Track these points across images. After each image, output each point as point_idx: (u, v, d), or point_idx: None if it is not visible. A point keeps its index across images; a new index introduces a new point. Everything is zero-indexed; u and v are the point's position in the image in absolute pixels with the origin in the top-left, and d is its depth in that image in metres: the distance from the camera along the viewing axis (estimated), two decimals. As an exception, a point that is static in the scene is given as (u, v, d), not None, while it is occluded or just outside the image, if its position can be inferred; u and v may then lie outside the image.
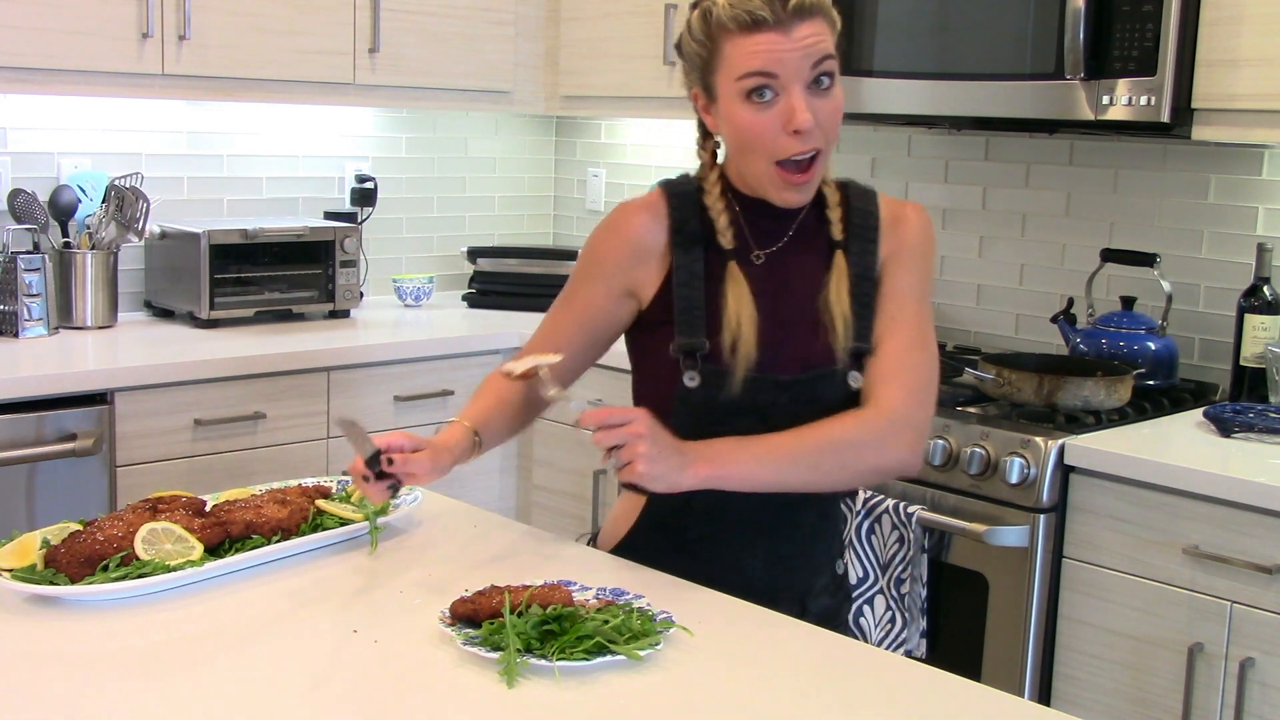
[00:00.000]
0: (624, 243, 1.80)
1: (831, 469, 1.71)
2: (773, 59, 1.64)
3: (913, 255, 1.79)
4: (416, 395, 3.31)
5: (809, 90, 1.66)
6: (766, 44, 1.64)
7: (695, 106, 1.77)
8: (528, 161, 4.30)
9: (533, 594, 1.48)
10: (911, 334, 1.76)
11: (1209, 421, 2.60)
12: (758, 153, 1.69)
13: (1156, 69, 2.56)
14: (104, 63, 3.01)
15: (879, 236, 1.78)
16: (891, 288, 1.77)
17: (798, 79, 1.65)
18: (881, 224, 1.79)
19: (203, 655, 1.46)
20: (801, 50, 1.64)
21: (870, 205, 1.81)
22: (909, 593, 2.60)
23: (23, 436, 2.71)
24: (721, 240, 1.76)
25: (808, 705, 1.38)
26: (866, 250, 1.77)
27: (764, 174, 1.71)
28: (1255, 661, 2.28)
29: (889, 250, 1.79)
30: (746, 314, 1.73)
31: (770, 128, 1.67)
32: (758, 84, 1.65)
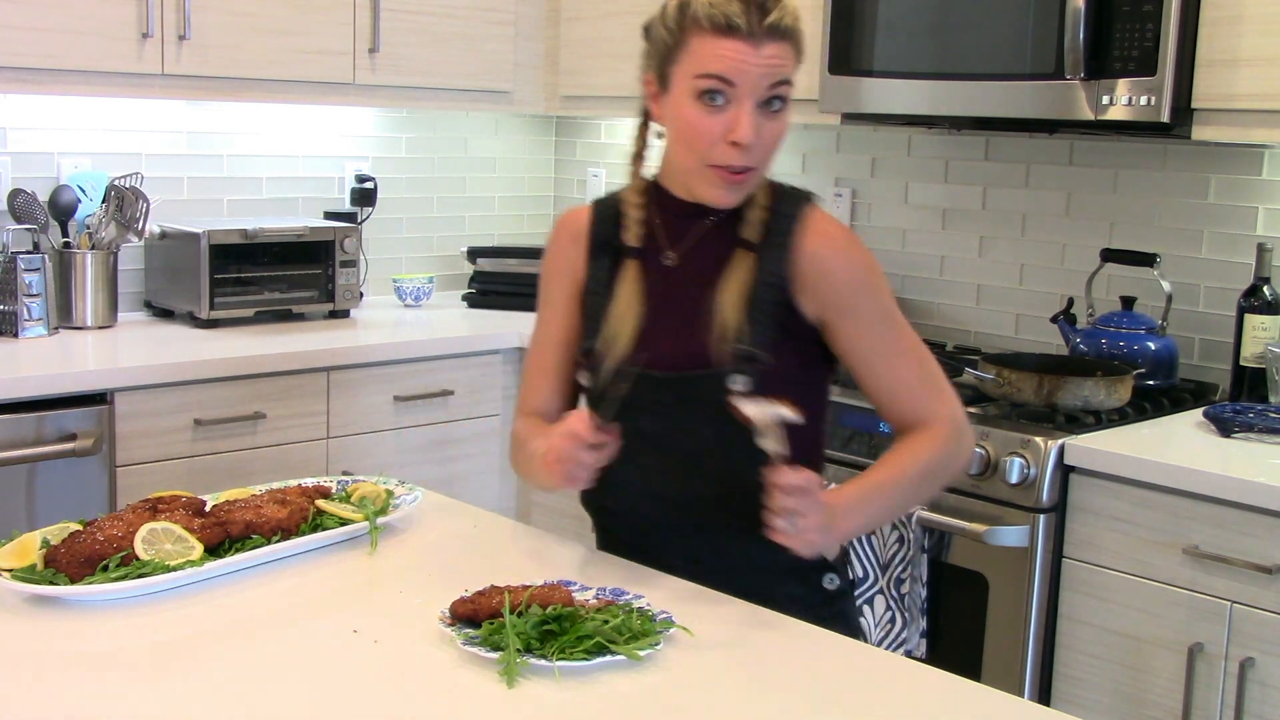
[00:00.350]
0: (557, 250, 1.89)
1: (926, 492, 1.82)
2: (735, 68, 1.66)
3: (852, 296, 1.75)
4: (416, 395, 3.31)
5: (759, 108, 1.69)
6: (733, 51, 1.66)
7: (644, 91, 1.80)
8: (528, 161, 4.30)
9: (533, 594, 1.48)
10: (913, 354, 1.79)
11: (1209, 421, 2.60)
12: (695, 152, 1.71)
13: (1156, 69, 2.56)
14: (104, 63, 3.01)
15: (792, 258, 1.74)
16: (857, 331, 1.76)
17: (752, 94, 1.68)
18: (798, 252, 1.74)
19: (203, 655, 1.46)
20: (765, 67, 1.67)
21: (794, 211, 1.77)
22: (909, 593, 2.60)
23: (23, 436, 2.71)
24: (627, 239, 1.81)
25: (807, 705, 1.38)
26: (779, 258, 1.74)
27: (696, 171, 1.73)
28: (1255, 661, 2.28)
29: (818, 299, 1.74)
30: (631, 312, 1.77)
31: (712, 131, 1.69)
32: (713, 86, 1.68)
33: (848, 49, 3.01)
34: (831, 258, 1.75)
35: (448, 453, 3.39)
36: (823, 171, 3.62)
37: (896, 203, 3.49)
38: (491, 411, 3.47)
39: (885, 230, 3.50)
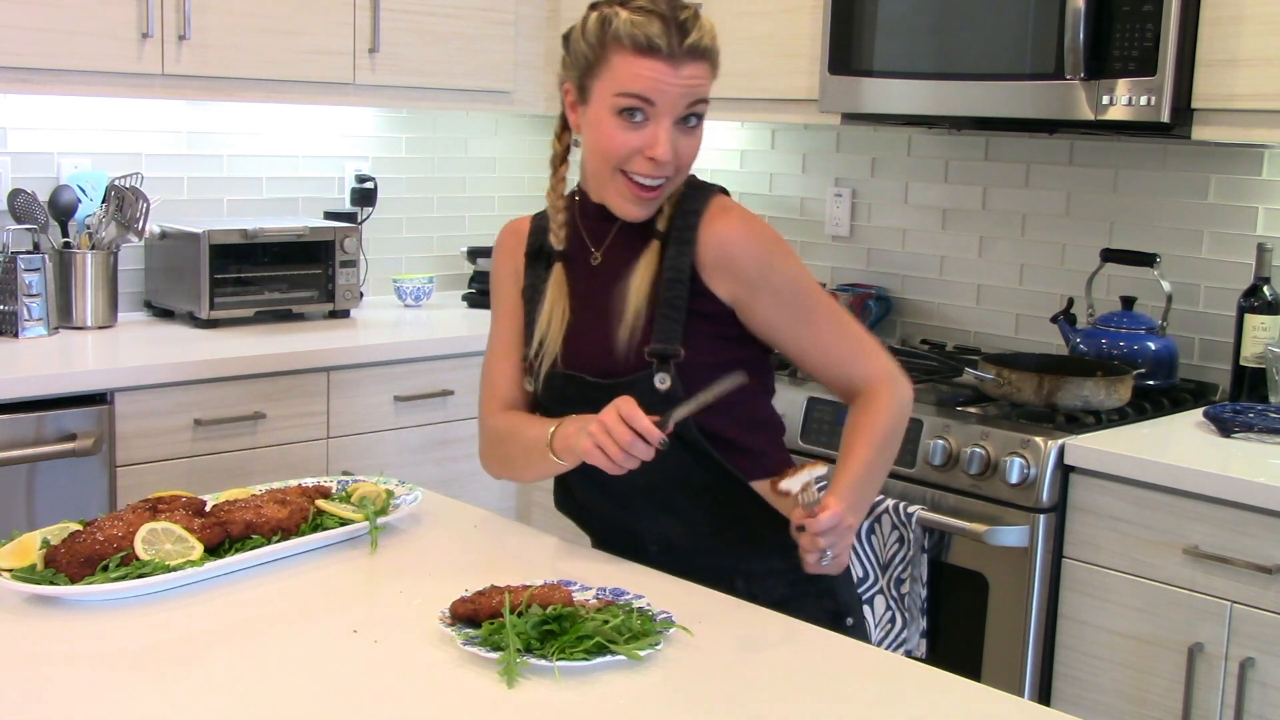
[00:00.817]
0: (498, 260, 1.95)
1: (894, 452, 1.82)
2: (655, 88, 1.70)
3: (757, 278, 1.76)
4: (416, 395, 3.31)
5: (677, 125, 1.72)
6: (653, 72, 1.69)
7: (563, 100, 1.83)
8: (528, 161, 4.30)
9: (533, 594, 1.49)
10: (828, 318, 1.81)
11: (1209, 421, 2.60)
12: (609, 163, 1.75)
13: (1156, 69, 2.57)
14: (104, 63, 3.01)
15: (695, 250, 1.75)
16: (767, 310, 1.77)
17: (670, 113, 1.71)
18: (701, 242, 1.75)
19: (203, 655, 1.46)
20: (683, 88, 1.70)
21: (697, 206, 1.79)
22: (909, 593, 2.60)
23: (23, 436, 2.71)
24: (553, 241, 1.85)
25: (807, 705, 1.38)
26: (682, 253, 1.76)
27: (611, 183, 1.77)
28: (1255, 661, 2.28)
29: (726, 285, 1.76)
30: (557, 313, 1.82)
31: (630, 147, 1.72)
32: (633, 105, 1.71)
33: (848, 49, 3.01)
34: (733, 238, 1.77)
35: (448, 453, 3.39)
36: (823, 171, 3.62)
37: (896, 203, 3.49)
38: (491, 411, 3.47)
39: (885, 230, 3.50)
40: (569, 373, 1.81)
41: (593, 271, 1.83)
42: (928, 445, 2.63)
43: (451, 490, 2.20)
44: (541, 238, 1.89)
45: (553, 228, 1.86)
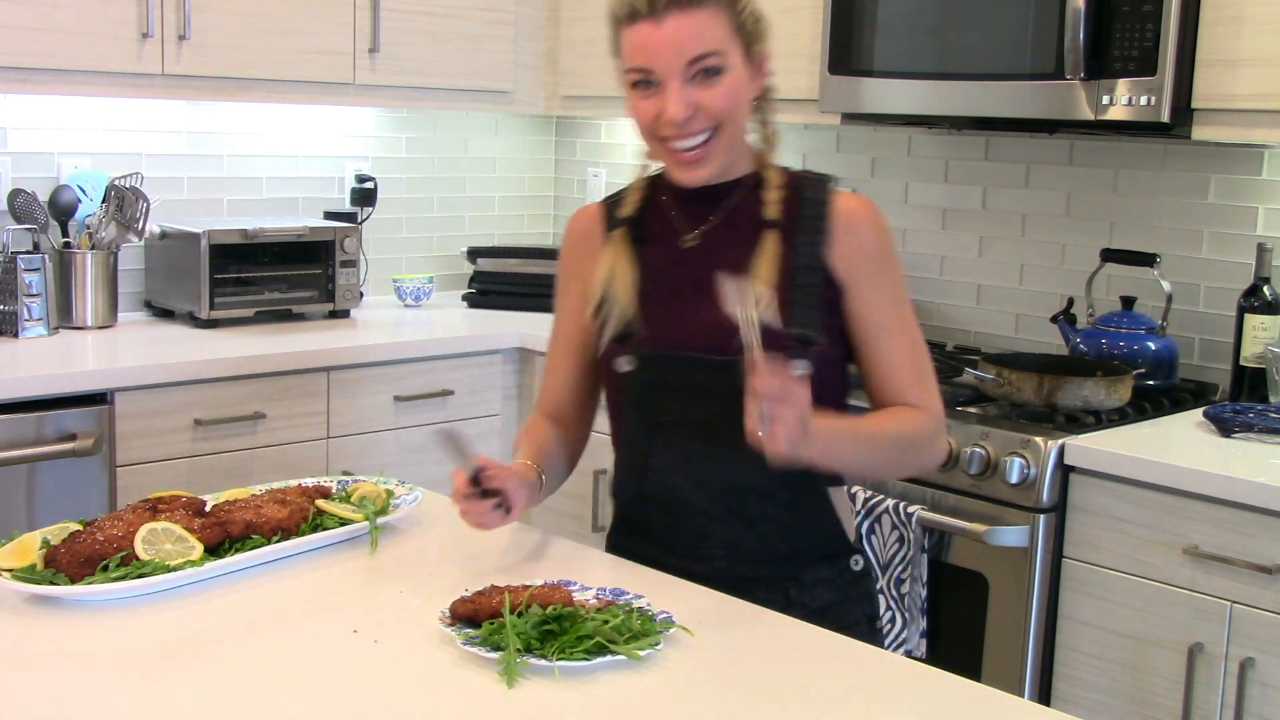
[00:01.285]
0: (569, 247, 1.92)
1: (894, 464, 1.81)
2: (645, 55, 1.69)
3: (876, 261, 1.77)
4: (416, 395, 3.31)
5: (690, 82, 1.69)
6: (640, 37, 1.69)
7: None
8: (528, 161, 4.30)
9: (533, 594, 1.48)
10: (912, 338, 1.80)
11: (1209, 421, 2.60)
12: (646, 138, 1.75)
13: (1156, 69, 2.57)
14: (104, 63, 3.01)
15: (828, 228, 1.76)
16: (872, 299, 1.77)
17: (672, 73, 1.69)
18: (833, 219, 1.76)
19: (203, 655, 1.46)
20: (672, 46, 1.68)
21: (821, 194, 1.79)
22: (909, 593, 2.60)
23: (23, 436, 2.71)
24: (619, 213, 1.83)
25: (808, 705, 1.38)
26: (815, 241, 1.75)
27: (659, 157, 1.77)
28: (1255, 661, 2.28)
29: (847, 257, 1.76)
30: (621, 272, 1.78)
31: (650, 116, 1.72)
32: (638, 78, 1.72)
33: (848, 49, 3.01)
34: (864, 214, 1.79)
35: (448, 453, 3.39)
36: (822, 171, 3.61)
37: (896, 203, 3.49)
38: (491, 411, 3.47)
39: (885, 230, 3.49)
40: (676, 353, 1.75)
41: (687, 254, 1.79)
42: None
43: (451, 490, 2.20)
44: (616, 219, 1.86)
45: (627, 199, 1.84)
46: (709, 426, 1.75)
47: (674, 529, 1.81)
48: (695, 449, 1.77)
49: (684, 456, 1.77)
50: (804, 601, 1.77)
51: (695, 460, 1.77)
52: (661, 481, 1.80)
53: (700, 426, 1.76)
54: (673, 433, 1.77)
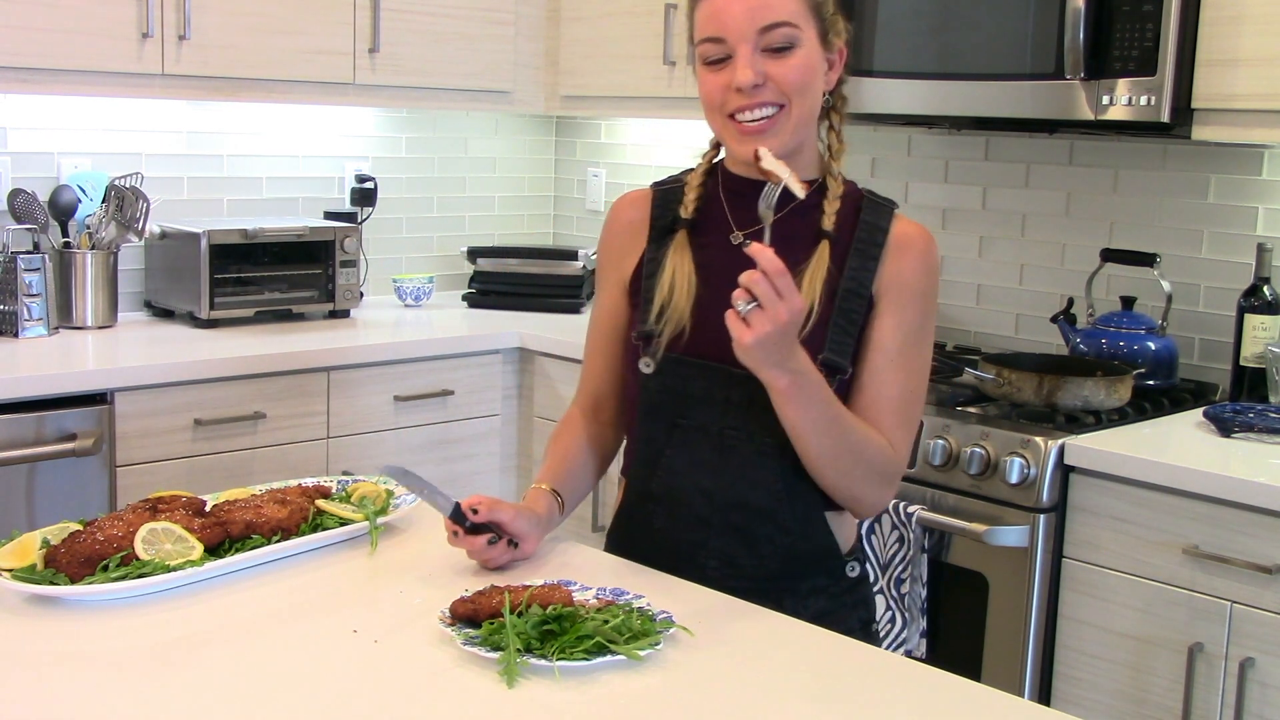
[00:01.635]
0: (612, 235, 1.88)
1: (843, 468, 1.69)
2: (717, 22, 1.68)
3: (908, 290, 1.73)
4: (416, 395, 3.31)
5: (761, 54, 1.67)
6: (714, 7, 1.68)
7: None
8: (528, 161, 4.30)
9: (533, 594, 1.48)
10: (912, 381, 1.74)
11: (1209, 421, 2.60)
12: (713, 111, 1.72)
13: (1156, 69, 2.56)
14: (104, 63, 3.01)
15: (880, 255, 1.73)
16: (888, 324, 1.72)
17: (743, 40, 1.67)
18: (887, 245, 1.74)
19: (203, 655, 1.46)
20: (746, 12, 1.66)
21: (882, 221, 1.76)
22: (909, 593, 2.60)
23: (23, 436, 2.71)
24: (682, 212, 1.79)
25: (808, 705, 1.38)
26: (866, 267, 1.72)
27: (725, 134, 1.73)
28: (1255, 661, 2.28)
29: (889, 279, 1.73)
30: (682, 279, 1.74)
31: (721, 87, 1.69)
32: (709, 49, 1.70)
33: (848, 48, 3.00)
34: (915, 247, 1.74)
35: (448, 453, 3.39)
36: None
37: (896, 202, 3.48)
38: (491, 411, 3.47)
39: (885, 230, 3.49)
40: (700, 361, 1.72)
41: (734, 251, 1.72)
42: (928, 445, 2.63)
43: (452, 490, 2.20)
44: (670, 211, 1.82)
45: (685, 199, 1.80)
46: (723, 438, 1.74)
47: (674, 531, 1.79)
48: (706, 457, 1.75)
49: (694, 463, 1.76)
50: (797, 611, 1.73)
51: (704, 469, 1.75)
52: (669, 483, 1.78)
53: (715, 436, 1.74)
54: (687, 437, 1.76)
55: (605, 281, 1.89)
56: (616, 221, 1.88)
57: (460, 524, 1.67)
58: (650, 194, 1.86)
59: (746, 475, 1.74)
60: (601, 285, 1.89)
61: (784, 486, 1.73)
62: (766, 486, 1.73)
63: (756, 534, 1.75)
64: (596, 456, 1.90)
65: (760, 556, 1.76)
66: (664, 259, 1.78)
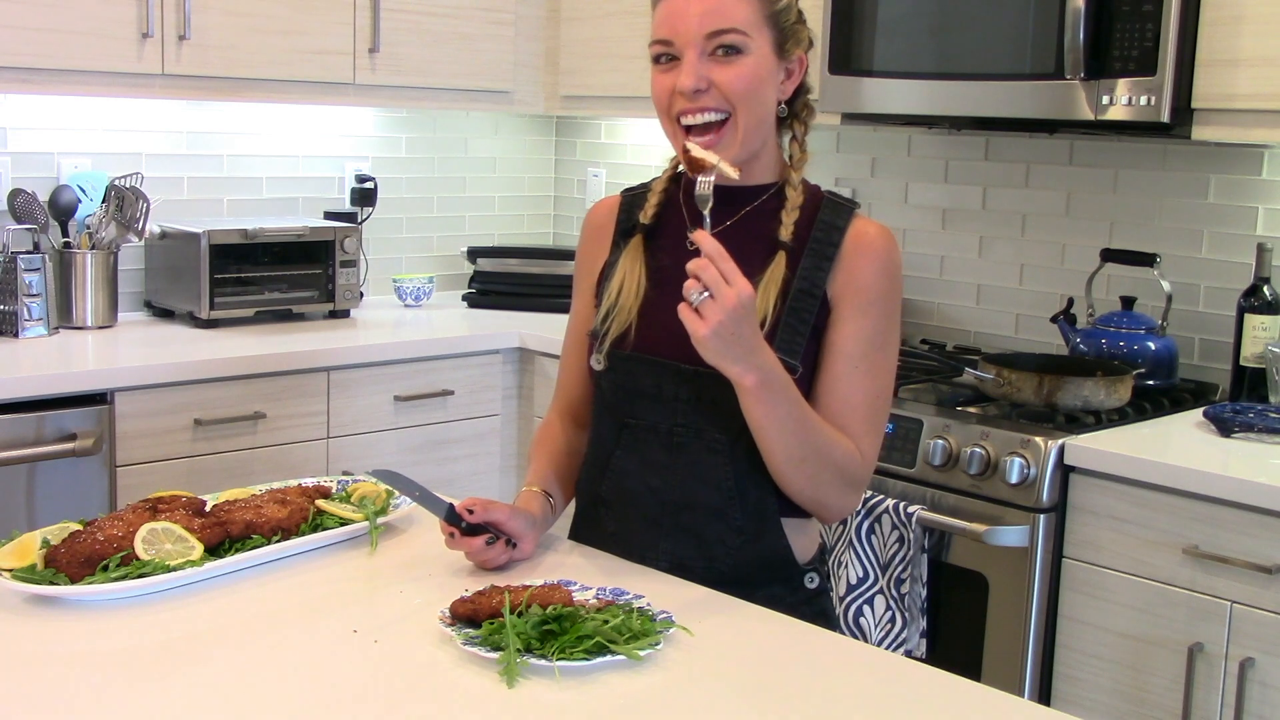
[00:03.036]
0: (584, 241, 1.91)
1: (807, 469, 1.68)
2: (668, 26, 1.70)
3: (869, 294, 1.71)
4: (416, 395, 3.31)
5: (707, 58, 1.68)
6: (668, 9, 1.70)
7: None
8: (528, 161, 4.30)
9: (533, 594, 1.48)
10: (878, 385, 1.72)
11: (1209, 421, 2.60)
12: (662, 113, 1.73)
13: (1156, 69, 2.57)
14: (104, 63, 3.01)
15: (835, 255, 1.71)
16: (850, 330, 1.70)
17: (691, 45, 1.68)
18: (843, 246, 1.72)
19: (203, 655, 1.46)
20: (696, 18, 1.68)
21: (840, 221, 1.73)
22: (909, 593, 2.60)
23: (23, 436, 2.71)
24: (641, 218, 1.81)
25: (808, 705, 1.38)
26: (820, 267, 1.71)
27: (672, 133, 1.74)
28: (1255, 661, 2.28)
29: (845, 282, 1.71)
30: (630, 283, 1.76)
31: (665, 89, 1.71)
32: (659, 51, 1.71)
33: (848, 49, 3.01)
34: (872, 249, 1.72)
35: (448, 453, 3.39)
36: (823, 171, 3.62)
37: (896, 203, 3.49)
38: (491, 411, 3.47)
39: (885, 230, 3.49)
40: (650, 357, 1.73)
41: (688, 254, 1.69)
42: (928, 445, 2.63)
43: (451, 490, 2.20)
44: (631, 215, 1.84)
45: (648, 202, 1.82)
46: (672, 436, 1.74)
47: (625, 535, 1.79)
48: (655, 457, 1.75)
49: (644, 463, 1.76)
50: None
51: (653, 468, 1.75)
52: (618, 485, 1.79)
53: (664, 435, 1.74)
54: (636, 437, 1.76)
55: (579, 288, 1.91)
56: (588, 228, 1.91)
57: (455, 525, 1.67)
58: (618, 199, 1.89)
59: (696, 473, 1.73)
60: (576, 291, 1.92)
61: (734, 485, 1.72)
62: (717, 485, 1.73)
63: (707, 534, 1.74)
64: (580, 459, 1.90)
65: (710, 559, 1.74)
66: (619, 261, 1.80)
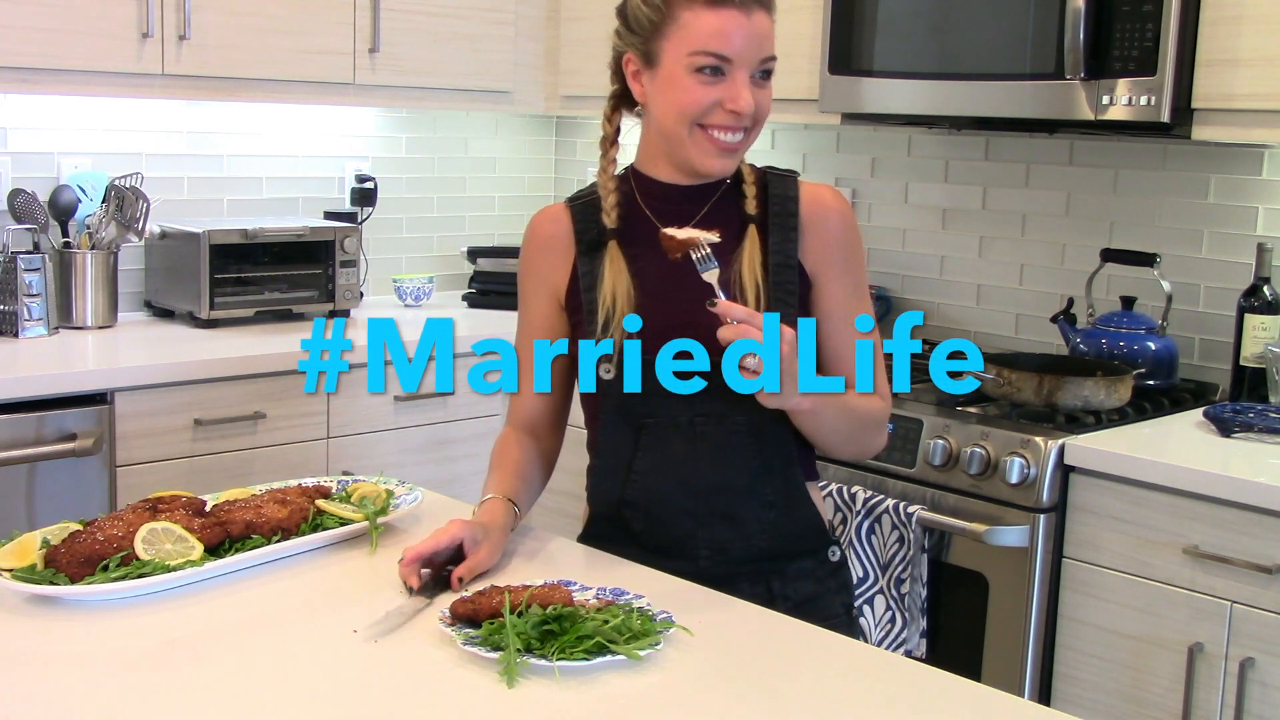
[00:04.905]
0: (534, 250, 1.91)
1: (855, 438, 1.81)
2: (726, 41, 1.69)
3: (842, 252, 1.80)
4: (416, 395, 3.31)
5: (752, 80, 1.72)
6: (723, 23, 1.69)
7: (624, 72, 1.80)
8: (528, 161, 4.30)
9: (533, 594, 1.48)
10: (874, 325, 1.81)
11: (1209, 421, 2.60)
12: (688, 118, 1.73)
13: (1156, 69, 2.56)
14: (104, 63, 3.01)
15: (798, 224, 1.78)
16: (836, 290, 1.80)
17: (746, 65, 1.71)
18: (801, 211, 1.79)
19: (203, 655, 1.46)
20: (757, 38, 1.71)
21: (789, 190, 1.81)
22: (909, 593, 2.60)
23: (23, 436, 2.71)
24: (606, 220, 1.81)
25: (807, 705, 1.38)
26: (786, 238, 1.78)
27: (689, 141, 1.74)
28: (1255, 661, 2.28)
29: (818, 251, 1.79)
30: (621, 290, 1.77)
31: (711, 99, 1.71)
32: (712, 63, 1.70)
33: (848, 49, 3.01)
34: (831, 203, 1.81)
35: (448, 453, 3.39)
36: (823, 171, 3.62)
37: (896, 203, 3.49)
38: (491, 411, 3.47)
39: (885, 230, 3.50)
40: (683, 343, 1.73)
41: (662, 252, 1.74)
42: (928, 445, 2.63)
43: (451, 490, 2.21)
44: (593, 224, 1.83)
45: (605, 208, 1.82)
46: (694, 427, 1.76)
47: (657, 532, 1.81)
48: (678, 450, 1.77)
49: (668, 459, 1.78)
50: (787, 594, 1.79)
51: (679, 462, 1.77)
52: (645, 485, 1.80)
53: (684, 427, 1.76)
54: (657, 435, 1.78)
55: (533, 298, 1.90)
56: (536, 239, 1.91)
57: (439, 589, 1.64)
58: (565, 209, 1.88)
59: (722, 459, 1.76)
60: (527, 302, 1.92)
61: (760, 463, 1.77)
62: (744, 466, 1.77)
63: (741, 514, 1.78)
64: (543, 468, 1.92)
65: (747, 537, 1.79)
66: (599, 271, 1.80)
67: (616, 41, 1.81)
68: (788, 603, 1.77)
